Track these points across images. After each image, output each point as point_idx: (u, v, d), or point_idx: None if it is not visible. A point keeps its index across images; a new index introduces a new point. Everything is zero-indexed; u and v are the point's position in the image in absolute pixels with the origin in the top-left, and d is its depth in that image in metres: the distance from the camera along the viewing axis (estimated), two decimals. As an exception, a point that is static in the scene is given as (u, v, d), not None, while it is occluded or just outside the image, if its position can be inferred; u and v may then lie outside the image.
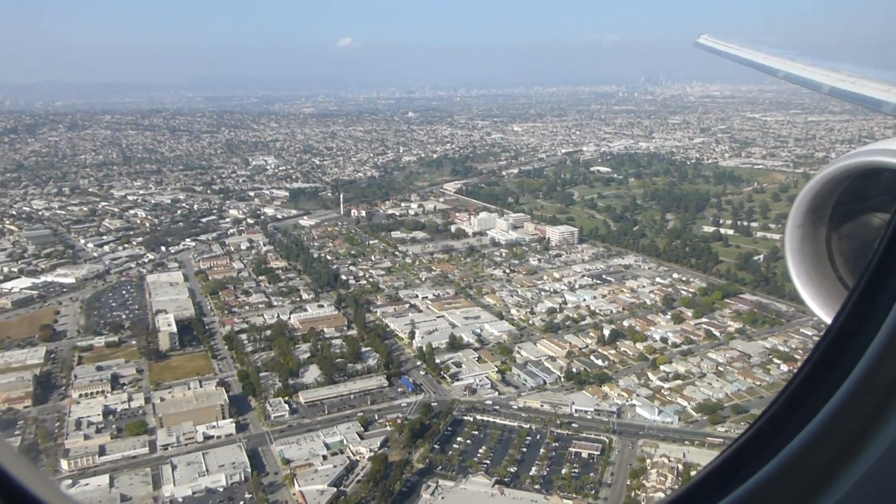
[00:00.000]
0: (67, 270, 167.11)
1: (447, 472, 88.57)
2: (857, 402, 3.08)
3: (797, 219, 6.16)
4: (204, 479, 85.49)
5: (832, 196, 6.01)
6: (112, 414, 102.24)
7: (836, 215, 6.17)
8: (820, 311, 5.86)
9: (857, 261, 6.09)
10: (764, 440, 3.35)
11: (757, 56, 18.31)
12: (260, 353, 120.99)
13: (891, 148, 5.28)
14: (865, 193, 6.00)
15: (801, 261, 6.15)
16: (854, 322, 3.33)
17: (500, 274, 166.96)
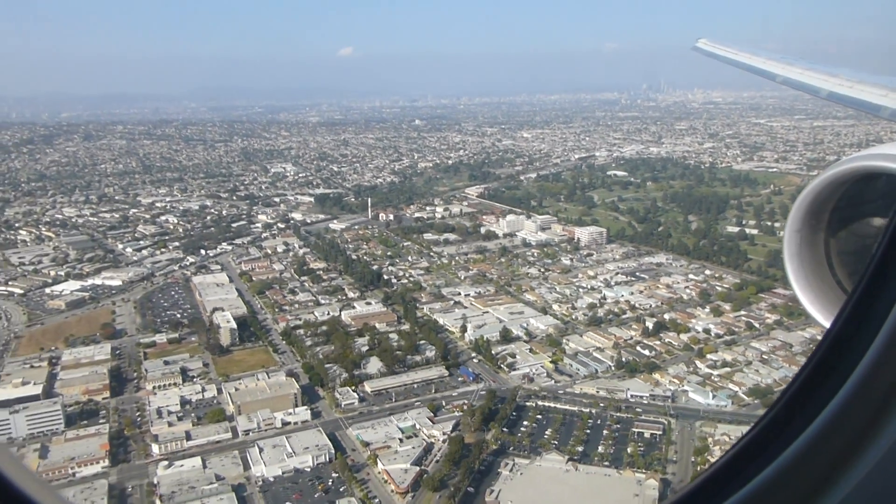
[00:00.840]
0: (113, 273, 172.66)
1: (519, 451, 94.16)
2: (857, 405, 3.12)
3: (795, 223, 6.21)
4: (291, 461, 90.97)
5: (830, 200, 6.03)
6: (188, 404, 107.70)
7: (835, 219, 6.18)
8: (818, 316, 5.92)
9: (855, 265, 6.11)
10: (765, 443, 3.45)
11: (755, 60, 18.39)
12: (318, 347, 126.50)
13: (888, 152, 5.39)
14: (863, 198, 6.02)
15: (799, 265, 6.20)
16: (853, 326, 3.40)
17: (535, 272, 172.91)
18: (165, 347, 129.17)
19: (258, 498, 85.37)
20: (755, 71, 17.97)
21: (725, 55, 20.39)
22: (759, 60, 18.07)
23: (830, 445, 3.14)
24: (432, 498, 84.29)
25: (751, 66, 18.20)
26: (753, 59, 18.52)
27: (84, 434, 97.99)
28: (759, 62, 17.96)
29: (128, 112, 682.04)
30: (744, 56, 19.24)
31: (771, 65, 17.25)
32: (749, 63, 18.40)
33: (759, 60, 18.11)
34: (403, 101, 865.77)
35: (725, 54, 20.46)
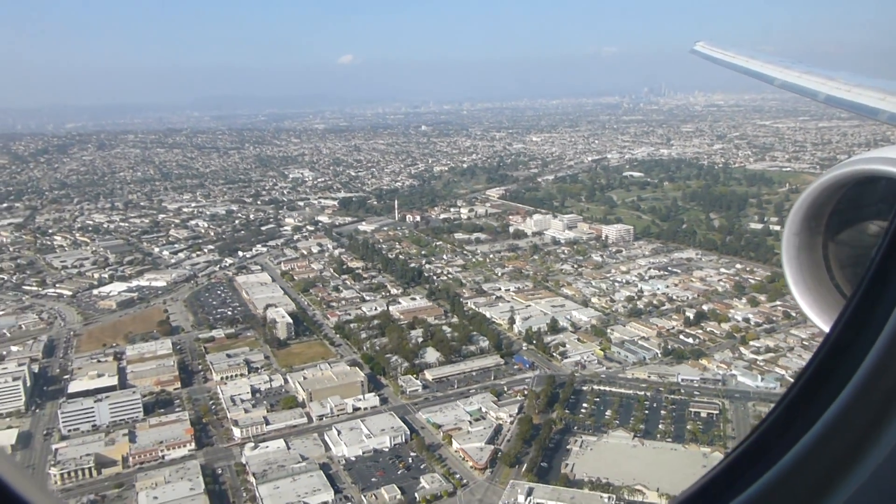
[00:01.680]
0: (156, 275, 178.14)
1: (584, 430, 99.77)
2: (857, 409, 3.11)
3: (794, 227, 6.23)
4: (370, 442, 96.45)
5: (829, 204, 6.06)
6: (257, 392, 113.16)
7: (833, 223, 6.21)
8: (817, 320, 5.96)
9: (854, 269, 6.13)
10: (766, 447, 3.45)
11: (753, 64, 18.37)
12: (373, 339, 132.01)
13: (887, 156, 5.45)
14: (862, 201, 6.02)
15: (798, 269, 6.22)
16: (852, 330, 3.40)
17: (568, 269, 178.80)
18: (224, 342, 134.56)
19: (343, 475, 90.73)
20: (753, 74, 18.02)
21: (723, 58, 20.40)
22: (758, 64, 18.12)
23: (831, 449, 3.14)
24: (509, 473, 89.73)
25: (749, 70, 18.28)
26: (751, 62, 18.57)
27: (166, 420, 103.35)
28: (758, 65, 18.02)
29: (132, 122, 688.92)
30: (742, 59, 19.29)
31: (769, 68, 17.27)
32: (747, 66, 18.49)
33: (757, 64, 18.16)
34: (406, 108, 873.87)
35: (723, 58, 20.48)
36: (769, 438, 3.48)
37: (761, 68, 17.58)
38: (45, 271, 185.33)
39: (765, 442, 3.49)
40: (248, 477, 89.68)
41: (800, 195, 6.17)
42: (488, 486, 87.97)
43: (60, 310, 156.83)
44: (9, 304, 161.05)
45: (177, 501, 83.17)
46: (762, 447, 3.47)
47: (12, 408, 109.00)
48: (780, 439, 3.33)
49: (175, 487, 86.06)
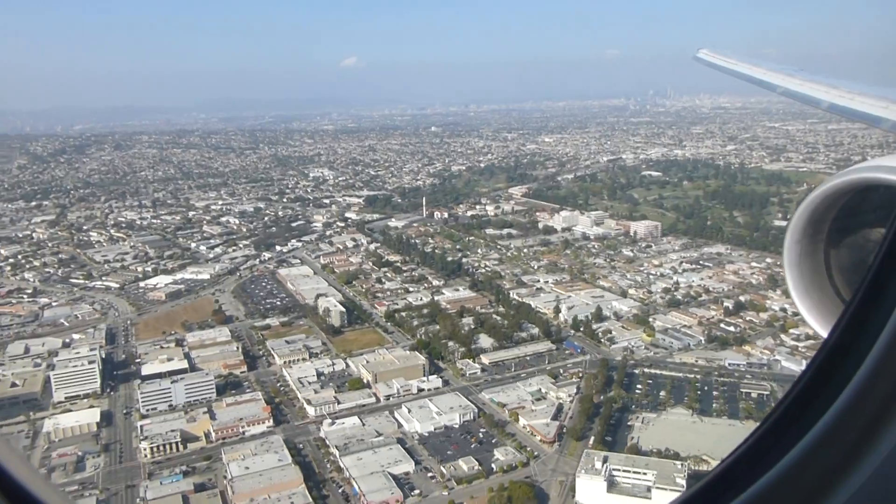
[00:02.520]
0: (198, 269, 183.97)
1: (642, 408, 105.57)
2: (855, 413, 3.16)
3: (796, 234, 6.33)
4: (441, 419, 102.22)
5: (830, 211, 6.16)
6: (322, 375, 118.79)
7: (835, 230, 6.31)
8: (817, 325, 6.05)
9: (854, 275, 6.23)
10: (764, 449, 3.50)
11: (756, 71, 18.48)
12: (424, 327, 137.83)
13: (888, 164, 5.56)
14: (863, 209, 6.12)
15: (799, 275, 6.33)
16: (851, 334, 3.47)
17: (601, 262, 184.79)
18: (279, 330, 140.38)
19: (419, 449, 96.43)
20: (756, 82, 18.12)
21: (726, 66, 20.63)
22: (760, 71, 18.25)
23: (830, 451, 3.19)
24: (577, 446, 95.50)
25: (752, 77, 18.36)
26: (754, 69, 18.73)
27: (241, 400, 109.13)
28: (760, 73, 18.14)
29: (140, 124, 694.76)
30: (744, 67, 19.47)
31: (772, 76, 17.39)
32: (750, 74, 18.61)
33: (759, 71, 18.29)
34: (412, 110, 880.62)
35: (726, 65, 20.71)
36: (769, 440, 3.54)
37: (764, 76, 17.74)
38: (89, 265, 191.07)
39: (765, 443, 3.55)
40: (330, 450, 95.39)
41: (801, 203, 6.28)
42: (558, 457, 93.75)
43: (112, 301, 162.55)
44: (60, 296, 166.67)
45: (268, 471, 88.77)
46: (762, 449, 3.52)
47: (89, 389, 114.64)
48: (780, 441, 3.40)
49: (263, 459, 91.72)
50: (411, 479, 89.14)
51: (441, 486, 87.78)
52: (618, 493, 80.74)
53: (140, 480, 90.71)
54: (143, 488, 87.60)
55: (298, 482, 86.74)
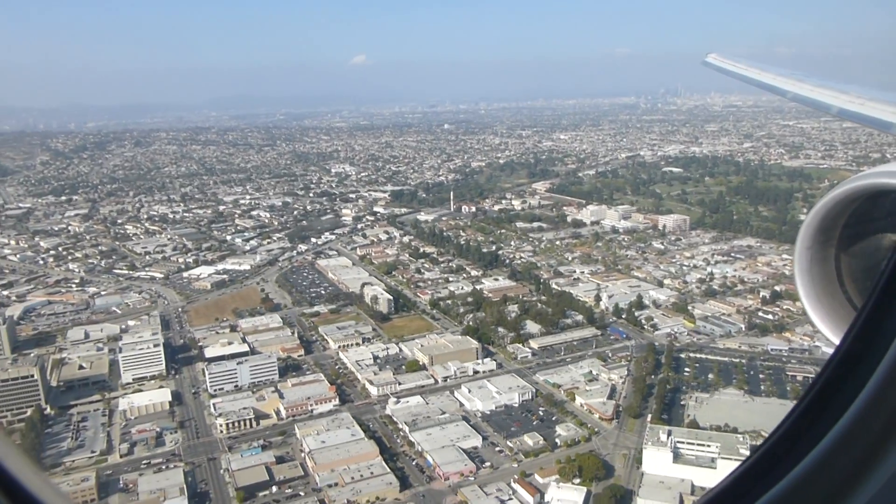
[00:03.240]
0: (238, 260, 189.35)
1: (693, 389, 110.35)
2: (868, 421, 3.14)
3: (806, 241, 6.31)
4: (500, 398, 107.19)
5: (841, 217, 6.16)
6: (377, 358, 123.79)
7: (845, 236, 6.32)
8: (828, 332, 6.03)
9: (865, 282, 6.25)
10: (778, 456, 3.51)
11: (765, 76, 18.57)
12: (470, 314, 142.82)
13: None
14: (874, 215, 6.13)
15: (810, 282, 6.32)
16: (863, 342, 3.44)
17: (634, 254, 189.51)
18: (327, 317, 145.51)
19: (483, 426, 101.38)
20: (765, 87, 18.21)
21: (735, 70, 20.76)
22: (770, 77, 18.29)
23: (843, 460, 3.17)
24: (635, 423, 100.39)
25: (761, 83, 18.49)
26: (763, 74, 18.77)
27: (305, 381, 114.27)
28: (770, 78, 18.20)
29: (153, 121, 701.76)
30: (754, 72, 19.54)
31: (781, 81, 17.49)
32: (759, 79, 18.71)
33: (769, 77, 18.35)
34: (423, 108, 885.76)
35: (735, 70, 20.83)
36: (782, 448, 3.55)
37: (773, 81, 17.82)
38: (130, 256, 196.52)
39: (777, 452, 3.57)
40: (399, 426, 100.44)
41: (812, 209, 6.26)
42: (618, 433, 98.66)
43: (158, 290, 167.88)
44: (108, 286, 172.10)
45: (344, 444, 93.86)
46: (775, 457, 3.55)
47: (155, 371, 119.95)
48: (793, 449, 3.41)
49: (337, 434, 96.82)
50: (480, 453, 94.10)
51: (510, 459, 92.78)
52: (683, 464, 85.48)
53: (220, 453, 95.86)
54: (226, 460, 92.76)
55: (375, 454, 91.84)
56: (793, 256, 6.52)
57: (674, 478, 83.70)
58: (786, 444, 3.49)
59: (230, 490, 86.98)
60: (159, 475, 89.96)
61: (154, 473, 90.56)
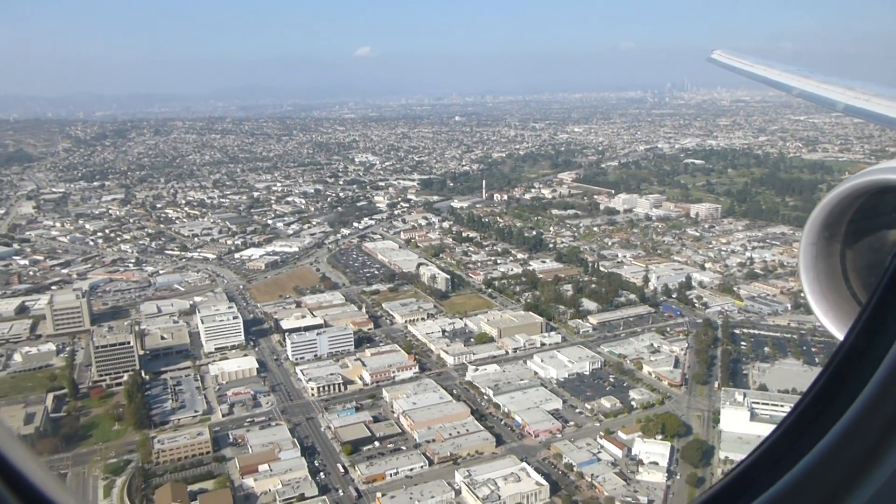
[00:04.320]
0: (285, 242, 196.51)
1: (752, 360, 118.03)
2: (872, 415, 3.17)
3: (811, 236, 6.34)
4: (571, 367, 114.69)
5: (846, 213, 6.18)
6: (445, 331, 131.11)
7: (851, 232, 6.34)
8: (832, 328, 6.06)
9: (870, 277, 6.27)
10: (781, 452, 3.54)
11: (771, 73, 18.69)
12: (525, 292, 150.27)
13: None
14: (879, 211, 6.16)
15: (815, 278, 6.34)
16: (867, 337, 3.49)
17: (670, 240, 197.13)
18: (387, 294, 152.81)
19: (560, 391, 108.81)
20: (771, 83, 18.39)
21: (741, 67, 20.92)
22: (776, 73, 18.46)
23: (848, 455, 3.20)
24: (703, 389, 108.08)
25: (767, 79, 18.62)
26: (769, 70, 18.96)
27: (383, 351, 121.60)
28: (775, 74, 18.35)
29: (161, 111, 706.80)
30: (759, 68, 19.71)
31: (787, 77, 17.60)
32: (765, 76, 18.83)
33: (774, 73, 18.51)
34: (429, 100, 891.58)
35: (741, 66, 20.98)
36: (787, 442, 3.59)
37: (779, 77, 17.97)
38: (178, 238, 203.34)
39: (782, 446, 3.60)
40: (481, 390, 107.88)
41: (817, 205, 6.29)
42: (689, 397, 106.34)
43: (214, 270, 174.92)
44: (164, 265, 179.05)
45: (434, 405, 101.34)
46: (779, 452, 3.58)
47: (235, 341, 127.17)
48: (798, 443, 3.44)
49: (425, 397, 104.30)
50: (561, 414, 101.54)
51: (590, 420, 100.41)
52: (759, 422, 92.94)
53: (316, 414, 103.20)
54: (325, 420, 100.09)
55: (466, 414, 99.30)
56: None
57: (751, 434, 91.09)
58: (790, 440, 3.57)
59: (335, 445, 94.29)
60: (265, 431, 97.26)
61: (260, 430, 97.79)
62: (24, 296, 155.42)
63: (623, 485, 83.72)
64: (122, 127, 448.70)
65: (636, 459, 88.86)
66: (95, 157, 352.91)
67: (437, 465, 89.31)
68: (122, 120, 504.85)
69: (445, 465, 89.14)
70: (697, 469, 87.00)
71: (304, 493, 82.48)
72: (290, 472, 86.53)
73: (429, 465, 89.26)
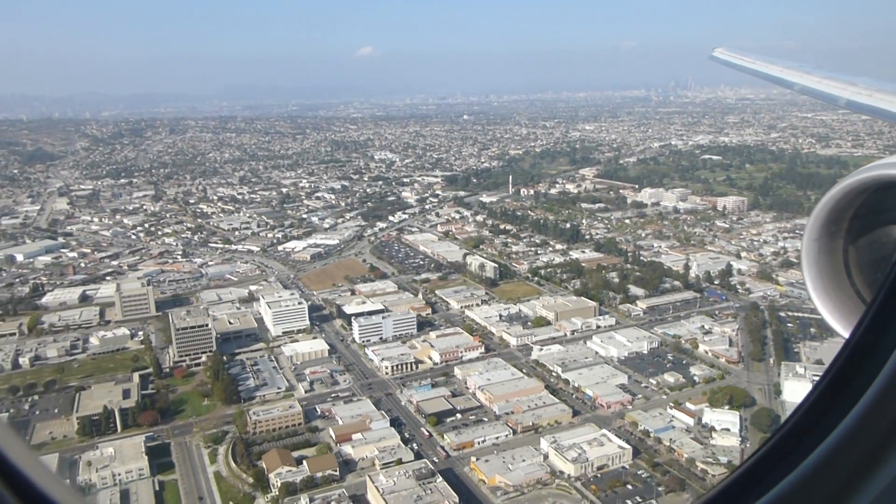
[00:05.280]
0: (325, 235, 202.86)
1: (801, 340, 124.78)
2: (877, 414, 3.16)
3: (814, 232, 6.34)
4: (631, 346, 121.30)
5: (849, 209, 6.19)
6: (501, 316, 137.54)
7: (853, 228, 6.34)
8: (837, 325, 6.08)
9: (873, 274, 6.27)
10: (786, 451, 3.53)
11: (772, 69, 18.93)
12: (572, 280, 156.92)
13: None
14: (882, 207, 6.14)
15: (818, 274, 6.34)
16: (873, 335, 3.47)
17: (702, 231, 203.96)
18: (436, 283, 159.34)
19: (623, 368, 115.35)
20: (773, 80, 18.52)
21: (742, 64, 21.12)
22: (777, 69, 18.62)
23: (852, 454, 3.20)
24: (759, 366, 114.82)
25: (768, 75, 18.78)
26: (771, 67, 19.08)
27: (447, 333, 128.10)
28: (777, 71, 18.52)
29: (166, 110, 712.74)
30: (761, 65, 19.83)
31: (789, 73, 17.74)
32: (767, 72, 19.00)
33: (776, 69, 18.65)
34: (433, 99, 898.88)
35: (742, 63, 21.18)
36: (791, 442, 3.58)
37: (781, 73, 18.12)
38: (218, 232, 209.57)
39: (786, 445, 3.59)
40: (548, 368, 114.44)
41: (820, 200, 6.29)
42: (747, 373, 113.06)
43: (261, 261, 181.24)
44: (210, 257, 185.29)
45: (508, 381, 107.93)
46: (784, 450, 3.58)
47: (301, 326, 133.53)
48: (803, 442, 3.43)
49: (497, 373, 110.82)
50: (629, 389, 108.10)
51: (656, 393, 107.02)
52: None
53: (393, 390, 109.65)
54: (404, 395, 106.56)
55: (540, 388, 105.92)
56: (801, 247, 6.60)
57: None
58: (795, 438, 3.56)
59: (418, 417, 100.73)
60: (350, 405, 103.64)
61: (345, 404, 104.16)
62: (82, 285, 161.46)
63: (700, 448, 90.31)
64: (136, 126, 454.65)
65: (708, 427, 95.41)
66: (116, 155, 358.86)
67: (521, 434, 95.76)
68: (135, 119, 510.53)
69: (528, 434, 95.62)
70: (767, 434, 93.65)
71: (400, 458, 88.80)
72: (384, 440, 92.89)
73: (512, 434, 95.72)
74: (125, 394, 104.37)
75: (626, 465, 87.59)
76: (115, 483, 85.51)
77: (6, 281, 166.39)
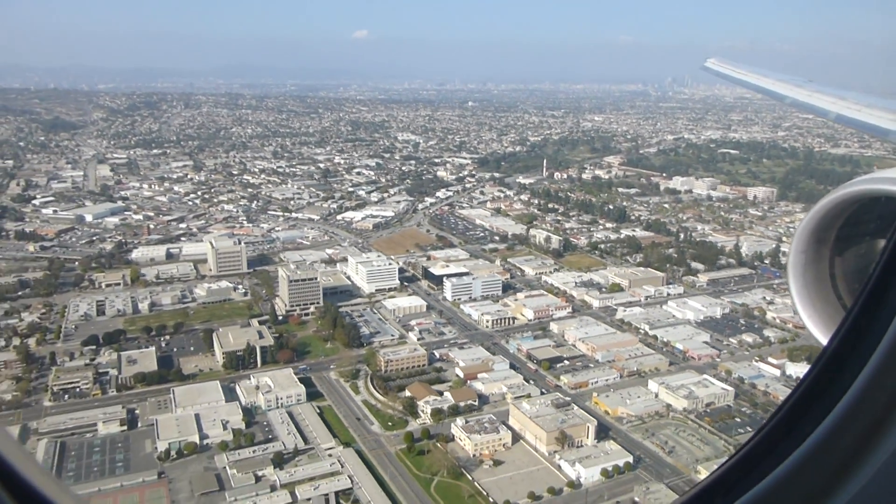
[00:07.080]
0: (379, 207, 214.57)
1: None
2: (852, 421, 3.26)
3: (801, 244, 6.57)
4: (705, 310, 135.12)
5: (837, 220, 6.39)
6: (575, 283, 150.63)
7: (840, 240, 6.55)
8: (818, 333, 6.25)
9: (856, 284, 6.46)
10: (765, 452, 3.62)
11: (764, 82, 19.45)
12: (629, 255, 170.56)
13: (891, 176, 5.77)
14: (867, 220, 6.37)
15: (803, 284, 6.52)
16: (850, 343, 3.59)
17: (737, 218, 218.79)
18: (504, 252, 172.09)
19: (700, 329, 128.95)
20: (764, 92, 19.09)
21: (734, 75, 21.74)
22: (769, 82, 19.13)
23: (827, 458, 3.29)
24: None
25: (760, 87, 19.36)
26: (762, 80, 19.64)
27: (533, 294, 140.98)
28: (769, 83, 19.03)
29: (163, 85, 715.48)
30: (753, 77, 20.36)
31: (780, 86, 18.22)
32: (758, 84, 19.56)
33: (768, 82, 19.17)
34: (431, 85, 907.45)
35: (734, 75, 21.80)
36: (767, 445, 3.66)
37: (772, 86, 18.65)
38: (273, 201, 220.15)
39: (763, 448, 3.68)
40: (633, 325, 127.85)
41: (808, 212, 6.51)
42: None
43: (325, 229, 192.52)
44: (273, 224, 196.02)
45: (603, 335, 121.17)
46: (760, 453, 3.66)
47: (391, 284, 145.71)
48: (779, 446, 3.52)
49: (592, 328, 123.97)
50: (712, 346, 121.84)
51: (739, 350, 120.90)
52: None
53: (498, 340, 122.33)
54: (511, 345, 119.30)
55: (635, 340, 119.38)
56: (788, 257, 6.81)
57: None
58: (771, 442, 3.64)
59: (528, 364, 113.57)
60: (465, 351, 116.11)
61: (460, 350, 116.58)
62: (160, 244, 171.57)
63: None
64: (150, 99, 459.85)
65: (793, 378, 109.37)
66: (138, 126, 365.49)
67: (626, 378, 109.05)
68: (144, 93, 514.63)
69: (632, 378, 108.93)
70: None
71: (529, 393, 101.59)
72: (507, 378, 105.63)
73: (619, 377, 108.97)
74: (259, 335, 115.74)
75: (729, 404, 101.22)
76: (278, 405, 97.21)
77: (85, 238, 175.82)
